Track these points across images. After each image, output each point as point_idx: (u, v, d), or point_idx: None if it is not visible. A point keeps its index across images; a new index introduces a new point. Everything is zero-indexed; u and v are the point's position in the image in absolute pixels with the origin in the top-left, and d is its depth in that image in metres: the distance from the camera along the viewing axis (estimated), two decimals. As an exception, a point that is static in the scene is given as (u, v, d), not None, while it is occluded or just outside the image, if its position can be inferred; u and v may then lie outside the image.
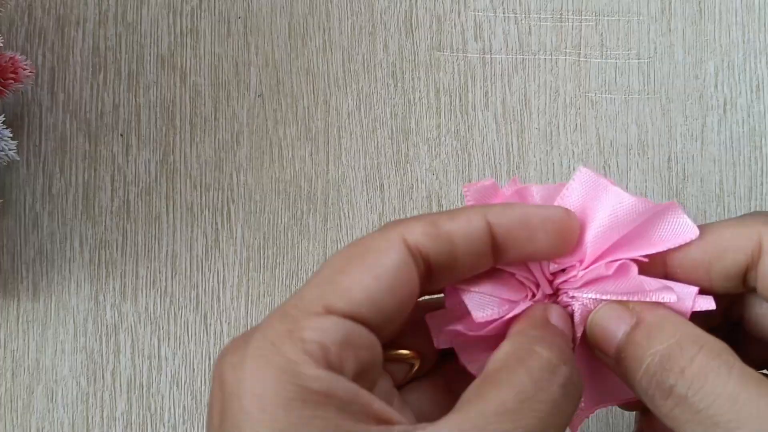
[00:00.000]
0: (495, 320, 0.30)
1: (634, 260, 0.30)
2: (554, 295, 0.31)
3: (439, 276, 0.29)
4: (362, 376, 0.26)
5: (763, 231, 0.29)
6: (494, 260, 0.29)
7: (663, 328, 0.27)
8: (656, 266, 0.30)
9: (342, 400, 0.25)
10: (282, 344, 0.25)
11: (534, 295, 0.31)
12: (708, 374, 0.25)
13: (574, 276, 0.30)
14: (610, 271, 0.30)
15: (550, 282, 0.31)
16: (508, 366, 0.26)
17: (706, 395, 0.25)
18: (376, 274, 0.27)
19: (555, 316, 0.29)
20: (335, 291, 0.26)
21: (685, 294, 0.29)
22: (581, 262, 0.30)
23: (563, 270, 0.31)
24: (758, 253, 0.29)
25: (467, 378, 0.29)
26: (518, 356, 0.27)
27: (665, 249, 0.30)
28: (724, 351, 0.26)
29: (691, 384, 0.25)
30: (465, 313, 0.30)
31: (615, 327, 0.28)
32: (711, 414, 0.25)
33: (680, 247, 0.30)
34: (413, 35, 0.45)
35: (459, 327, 0.30)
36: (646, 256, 0.30)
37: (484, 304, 0.30)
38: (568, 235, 0.29)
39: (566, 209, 0.30)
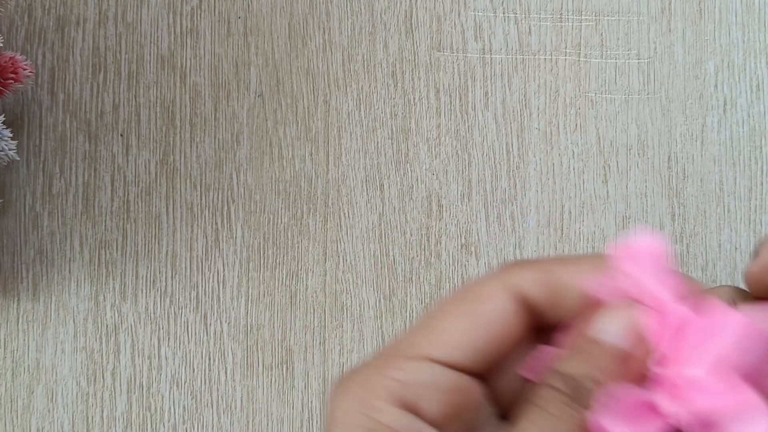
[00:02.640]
0: None
1: None
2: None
3: (549, 318, 0.29)
4: (454, 418, 0.28)
5: None
6: None
7: None
8: None
9: None
10: (369, 380, 0.28)
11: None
12: None
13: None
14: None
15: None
16: (526, 408, 0.27)
17: None
18: (478, 324, 0.28)
19: (608, 329, 0.27)
20: (430, 338, 0.28)
21: None
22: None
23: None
24: None
25: None
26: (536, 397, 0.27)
27: None
28: None
29: None
30: None
31: None
32: None
33: None
34: (413, 35, 0.45)
35: None
36: None
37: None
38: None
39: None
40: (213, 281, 0.44)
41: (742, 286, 0.30)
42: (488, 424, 0.30)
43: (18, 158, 0.42)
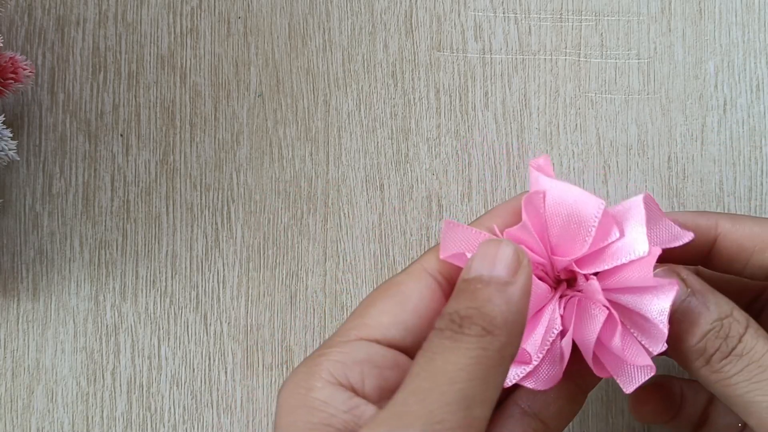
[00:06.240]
0: None
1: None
2: (567, 285, 0.34)
3: None
4: (390, 392, 0.30)
5: None
6: None
7: (719, 301, 0.33)
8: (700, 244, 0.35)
9: (337, 410, 0.29)
10: (311, 365, 0.31)
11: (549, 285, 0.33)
12: (758, 339, 0.33)
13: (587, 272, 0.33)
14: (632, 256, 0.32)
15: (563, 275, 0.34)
16: (420, 354, 0.29)
17: (757, 352, 0.32)
18: (399, 301, 0.32)
19: (472, 267, 0.30)
20: (365, 321, 0.32)
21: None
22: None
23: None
24: None
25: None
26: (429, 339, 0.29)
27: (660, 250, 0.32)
28: (759, 326, 0.33)
29: (746, 344, 0.32)
30: None
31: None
32: (761, 363, 0.32)
33: (730, 232, 0.35)
34: (413, 35, 0.45)
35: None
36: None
37: None
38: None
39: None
40: (213, 281, 0.44)
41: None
42: None
43: (18, 158, 0.42)
